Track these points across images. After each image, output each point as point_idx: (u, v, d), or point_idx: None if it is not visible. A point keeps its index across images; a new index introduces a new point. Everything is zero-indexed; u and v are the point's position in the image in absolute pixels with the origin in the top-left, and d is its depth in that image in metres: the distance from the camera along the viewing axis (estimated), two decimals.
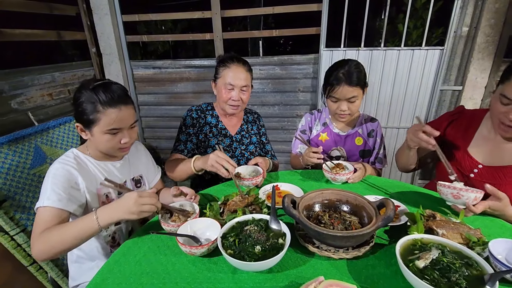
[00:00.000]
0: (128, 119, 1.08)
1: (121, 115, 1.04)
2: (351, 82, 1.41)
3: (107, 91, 1.02)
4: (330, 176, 1.33)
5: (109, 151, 1.12)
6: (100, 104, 1.00)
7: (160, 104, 3.07)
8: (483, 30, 2.30)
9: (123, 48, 2.84)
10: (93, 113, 1.01)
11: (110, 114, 1.02)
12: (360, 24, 2.45)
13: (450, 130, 1.35)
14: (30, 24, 2.22)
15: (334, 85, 1.44)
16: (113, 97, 1.02)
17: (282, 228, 0.91)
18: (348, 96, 1.44)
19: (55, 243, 0.91)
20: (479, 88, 2.46)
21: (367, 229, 0.83)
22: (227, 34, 2.72)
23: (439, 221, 0.92)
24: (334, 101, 1.50)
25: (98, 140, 1.07)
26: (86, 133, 1.07)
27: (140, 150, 1.38)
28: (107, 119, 1.02)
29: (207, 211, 1.05)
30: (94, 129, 1.03)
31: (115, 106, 1.02)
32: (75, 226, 0.93)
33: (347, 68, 1.43)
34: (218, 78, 1.53)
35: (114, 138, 1.06)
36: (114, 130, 1.05)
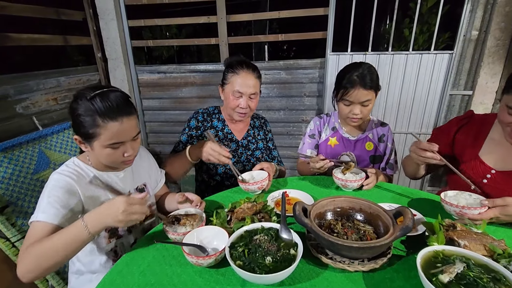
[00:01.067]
0: (130, 131, 1.00)
1: (122, 128, 0.96)
2: (365, 85, 1.38)
3: (106, 102, 0.93)
4: (340, 183, 1.29)
5: (112, 165, 1.06)
6: (99, 117, 0.92)
7: (164, 109, 3.05)
8: (493, 33, 2.26)
9: (128, 53, 2.83)
10: (92, 127, 0.93)
11: (111, 128, 0.94)
12: (366, 28, 2.43)
13: (460, 136, 1.31)
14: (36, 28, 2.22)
15: (348, 88, 1.40)
16: (113, 109, 0.93)
17: (293, 237, 0.86)
18: (362, 99, 1.41)
19: (41, 259, 0.82)
20: (490, 93, 2.40)
21: (385, 240, 0.78)
22: (232, 39, 2.70)
23: (460, 231, 0.87)
24: (347, 104, 1.46)
25: (98, 154, 1.00)
26: (86, 146, 1.00)
27: (142, 156, 1.31)
28: (108, 133, 0.94)
29: (214, 219, 1.01)
30: (94, 143, 0.96)
31: (116, 118, 0.94)
32: (62, 236, 0.83)
33: (361, 71, 1.39)
34: (226, 84, 1.49)
35: (116, 152, 0.99)
36: (115, 145, 0.97)
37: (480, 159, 1.22)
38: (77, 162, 1.05)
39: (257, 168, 1.41)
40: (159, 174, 1.37)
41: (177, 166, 1.45)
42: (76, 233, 0.83)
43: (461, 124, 1.32)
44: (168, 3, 2.70)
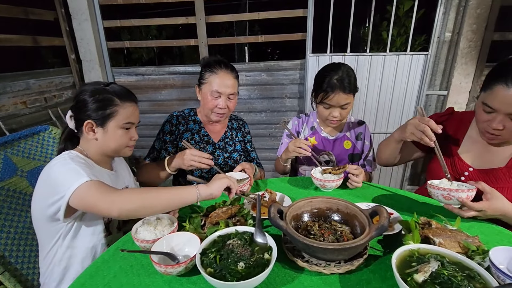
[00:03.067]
0: (138, 115, 1.13)
1: (135, 110, 1.10)
2: (345, 89, 1.37)
3: (121, 87, 1.09)
4: (319, 183, 1.27)
5: (118, 149, 1.10)
6: (117, 98, 1.04)
7: (143, 112, 2.96)
8: (465, 35, 2.33)
9: (104, 54, 2.74)
10: (111, 107, 1.03)
11: (128, 107, 1.06)
12: (345, 30, 2.45)
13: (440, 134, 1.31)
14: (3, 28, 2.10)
15: (329, 92, 1.39)
16: (128, 93, 1.10)
17: (268, 241, 0.83)
18: (342, 103, 1.40)
19: (145, 201, 0.89)
20: (464, 93, 2.48)
21: (360, 240, 0.76)
22: (212, 40, 2.67)
23: (435, 229, 0.87)
24: (327, 107, 1.45)
25: (111, 137, 1.06)
26: (96, 131, 1.04)
27: (122, 162, 1.32)
28: (125, 112, 1.05)
29: (187, 224, 0.96)
30: (110, 123, 1.04)
31: (131, 100, 1.09)
32: (170, 192, 0.93)
33: (341, 74, 1.38)
34: (203, 84, 1.45)
35: (127, 134, 1.08)
36: (129, 124, 1.08)
37: (459, 156, 1.23)
38: (75, 153, 1.02)
39: (237, 169, 1.37)
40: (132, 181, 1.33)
41: (154, 176, 1.41)
42: (187, 193, 0.93)
43: (440, 120, 1.32)
44: (147, 3, 2.63)
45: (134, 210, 0.88)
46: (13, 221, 1.27)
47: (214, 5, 2.65)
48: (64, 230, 1.00)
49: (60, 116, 2.50)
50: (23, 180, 1.45)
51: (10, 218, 1.25)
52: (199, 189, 0.94)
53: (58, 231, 1.00)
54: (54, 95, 2.47)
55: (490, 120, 1.06)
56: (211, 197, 0.97)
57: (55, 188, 0.90)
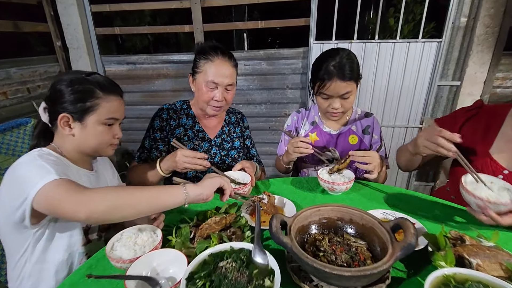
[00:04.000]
0: (123, 111, 1.00)
1: (120, 105, 0.97)
2: (344, 76, 1.21)
3: (104, 78, 0.96)
4: (327, 186, 1.12)
5: (99, 147, 0.97)
6: (100, 89, 0.92)
7: (135, 103, 2.80)
8: (482, 20, 2.15)
9: (92, 41, 2.55)
10: (92, 99, 0.90)
11: (112, 101, 0.94)
12: (350, 17, 2.27)
13: (467, 129, 1.15)
14: None
15: (325, 81, 1.23)
16: (113, 84, 0.97)
17: (269, 261, 0.68)
18: (341, 92, 1.24)
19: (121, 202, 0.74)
20: (478, 83, 2.31)
21: (383, 264, 0.61)
22: (208, 26, 2.48)
23: (470, 246, 0.72)
24: (325, 98, 1.29)
25: (90, 133, 0.93)
26: (73, 126, 0.91)
27: (106, 161, 1.18)
28: (108, 106, 0.93)
29: (173, 238, 0.81)
30: (90, 118, 0.91)
31: (116, 93, 0.96)
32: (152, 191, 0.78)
33: (338, 60, 1.22)
34: (197, 73, 1.28)
35: (109, 131, 0.96)
36: (111, 120, 0.95)
37: (491, 157, 1.07)
38: (47, 151, 0.89)
39: (237, 168, 1.23)
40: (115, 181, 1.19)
41: (145, 179, 1.25)
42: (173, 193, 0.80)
43: (468, 115, 1.16)
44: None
45: (105, 212, 0.72)
46: None
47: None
48: (32, 239, 0.85)
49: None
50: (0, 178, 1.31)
51: None
52: (187, 188, 0.81)
53: (26, 239, 0.85)
54: (38, 85, 2.30)
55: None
56: (201, 197, 0.83)
57: (19, 189, 0.75)
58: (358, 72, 1.26)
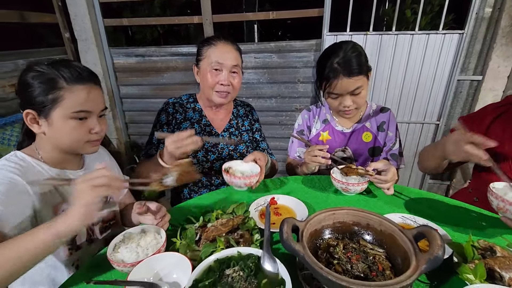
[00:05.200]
0: (98, 102, 0.87)
1: (92, 95, 0.84)
2: (350, 72, 1.12)
3: (70, 66, 0.82)
4: (340, 186, 1.05)
5: (74, 146, 0.86)
6: (63, 79, 0.79)
7: (144, 96, 2.77)
8: (508, 11, 2.01)
9: (101, 33, 2.52)
10: (53, 91, 0.78)
11: (77, 91, 0.81)
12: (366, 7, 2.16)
13: (497, 127, 1.07)
14: None
15: (331, 79, 1.15)
16: (80, 73, 0.82)
17: (279, 270, 0.63)
18: (351, 88, 1.16)
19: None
20: (502, 78, 2.18)
21: (408, 279, 0.55)
22: (217, 17, 2.41)
23: (502, 258, 0.65)
24: (335, 97, 1.22)
25: (60, 130, 0.82)
26: (40, 123, 0.81)
27: (102, 155, 1.10)
28: (74, 97, 0.80)
29: (177, 240, 0.77)
30: (55, 113, 0.79)
31: (84, 83, 0.82)
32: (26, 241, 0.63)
33: (342, 55, 1.13)
34: (201, 60, 1.25)
35: (82, 126, 0.84)
36: (82, 113, 0.82)
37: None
38: (21, 156, 0.84)
39: (248, 159, 1.16)
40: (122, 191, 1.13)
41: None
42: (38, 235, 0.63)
43: (498, 112, 1.08)
44: None
45: None
46: None
47: None
48: None
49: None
50: None
51: None
52: (55, 228, 0.63)
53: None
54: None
55: None
56: (78, 230, 0.66)
57: None
58: (366, 64, 1.18)
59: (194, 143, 1.01)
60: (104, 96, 1.03)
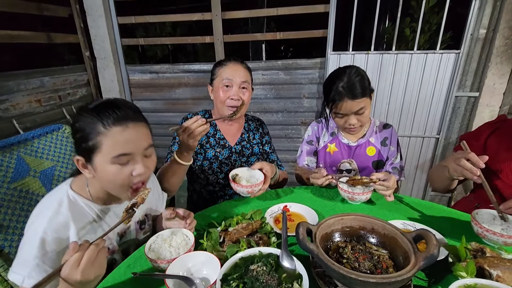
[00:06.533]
0: (140, 140, 0.82)
1: (129, 135, 0.79)
2: (354, 95, 1.24)
3: (109, 107, 0.79)
4: (347, 196, 1.16)
5: (119, 191, 0.85)
6: (101, 123, 0.77)
7: (157, 110, 2.91)
8: (502, 32, 2.15)
9: (118, 51, 2.69)
10: (93, 137, 0.77)
11: (114, 134, 0.77)
12: (366, 27, 2.30)
13: (492, 141, 1.19)
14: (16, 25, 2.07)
15: (336, 101, 1.28)
16: (118, 113, 0.78)
17: (296, 267, 0.73)
18: (355, 109, 1.28)
19: None
20: (497, 95, 2.29)
21: (407, 273, 0.65)
22: (228, 37, 2.57)
23: (490, 258, 0.75)
24: (340, 116, 1.34)
25: (103, 177, 0.81)
26: (89, 169, 0.82)
27: (153, 184, 1.13)
28: (111, 141, 0.77)
29: (204, 241, 0.87)
30: (97, 159, 0.79)
31: (120, 122, 0.78)
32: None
33: (346, 80, 1.25)
34: (214, 79, 1.40)
35: (124, 170, 0.80)
36: (122, 157, 0.79)
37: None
38: (73, 196, 0.87)
39: (256, 167, 1.25)
40: (160, 199, 1.18)
41: (171, 179, 1.25)
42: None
43: (492, 128, 1.21)
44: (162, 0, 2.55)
45: None
46: (24, 223, 1.21)
47: (230, 1, 2.55)
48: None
49: (74, 114, 2.48)
50: (36, 180, 1.40)
51: (22, 220, 1.21)
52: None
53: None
54: (68, 93, 2.44)
55: None
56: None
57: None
58: (369, 87, 1.29)
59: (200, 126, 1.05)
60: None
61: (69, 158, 1.56)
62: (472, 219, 0.92)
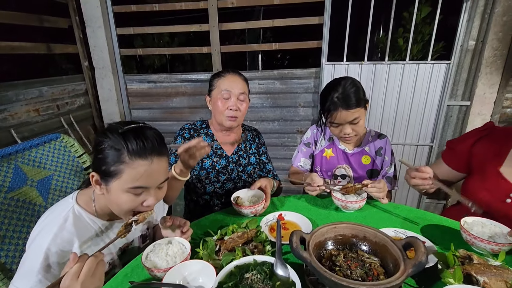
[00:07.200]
0: (159, 175, 0.85)
1: (151, 170, 0.81)
2: (348, 106, 1.28)
3: (139, 137, 0.80)
4: (340, 204, 1.18)
5: (122, 214, 0.88)
6: (127, 152, 0.78)
7: (155, 119, 2.93)
8: (490, 43, 2.22)
9: (116, 61, 2.73)
10: (116, 164, 0.78)
11: (138, 167, 0.79)
12: (358, 37, 2.37)
13: (479, 148, 1.21)
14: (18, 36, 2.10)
15: (331, 111, 1.32)
16: (146, 146, 0.80)
17: (290, 275, 0.75)
18: (349, 119, 1.32)
19: None
20: (488, 104, 2.35)
21: (396, 280, 0.67)
22: (225, 48, 2.62)
23: (477, 265, 0.77)
24: (336, 126, 1.38)
25: (114, 200, 0.83)
26: (102, 187, 0.84)
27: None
28: (133, 173, 0.79)
29: (200, 250, 0.89)
30: (113, 184, 0.81)
31: (146, 157, 0.80)
32: None
33: (341, 91, 1.29)
34: (212, 90, 1.43)
35: (136, 200, 0.83)
36: (138, 189, 0.82)
37: (502, 175, 1.12)
38: (78, 211, 0.89)
39: (255, 187, 1.28)
40: (161, 210, 1.20)
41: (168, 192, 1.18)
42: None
43: (480, 135, 1.22)
44: (160, 11, 2.61)
45: None
46: (21, 232, 1.23)
47: (228, 12, 2.61)
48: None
49: (72, 123, 2.49)
50: (33, 190, 1.41)
51: (19, 230, 1.22)
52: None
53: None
54: (66, 102, 2.46)
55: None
56: None
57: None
58: (364, 97, 1.33)
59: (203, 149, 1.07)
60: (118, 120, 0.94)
61: (67, 168, 1.57)
62: (461, 227, 0.95)
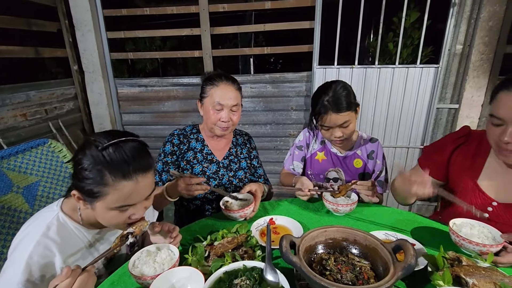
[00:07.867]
0: (145, 191, 0.82)
1: (137, 189, 0.78)
2: (338, 109, 1.29)
3: (121, 155, 0.75)
4: (331, 207, 1.18)
5: (114, 228, 0.88)
6: (109, 173, 0.74)
7: (145, 123, 2.91)
8: (477, 48, 2.27)
9: (107, 65, 2.70)
10: (99, 185, 0.75)
11: (122, 188, 0.76)
12: (350, 42, 2.39)
13: (457, 157, 1.17)
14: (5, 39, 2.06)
15: (322, 114, 1.33)
16: (128, 164, 0.75)
17: (279, 279, 0.74)
18: (339, 122, 1.32)
19: None
20: (476, 107, 2.40)
21: (385, 283, 0.67)
22: (216, 52, 2.62)
23: (466, 267, 0.78)
24: (326, 129, 1.38)
25: (100, 216, 0.81)
26: (86, 204, 0.80)
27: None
28: (117, 194, 0.76)
29: (189, 256, 0.87)
30: (97, 204, 0.77)
31: (131, 177, 0.76)
32: None
33: (331, 94, 1.30)
34: (205, 98, 1.39)
35: (123, 215, 0.81)
36: (124, 207, 0.79)
37: (479, 187, 1.08)
38: (63, 219, 0.86)
39: (245, 191, 1.29)
40: (151, 216, 1.18)
41: (156, 205, 1.24)
42: None
43: (457, 143, 1.18)
44: (152, 15, 2.60)
45: None
46: (6, 240, 1.20)
47: (219, 16, 2.62)
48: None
49: (60, 128, 2.45)
50: (19, 196, 1.38)
51: (3, 238, 1.19)
52: None
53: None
54: (55, 106, 2.42)
55: (500, 133, 0.93)
56: None
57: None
58: (354, 101, 1.34)
59: (203, 189, 1.15)
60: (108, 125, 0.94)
61: (54, 174, 1.54)
62: (450, 229, 0.95)
